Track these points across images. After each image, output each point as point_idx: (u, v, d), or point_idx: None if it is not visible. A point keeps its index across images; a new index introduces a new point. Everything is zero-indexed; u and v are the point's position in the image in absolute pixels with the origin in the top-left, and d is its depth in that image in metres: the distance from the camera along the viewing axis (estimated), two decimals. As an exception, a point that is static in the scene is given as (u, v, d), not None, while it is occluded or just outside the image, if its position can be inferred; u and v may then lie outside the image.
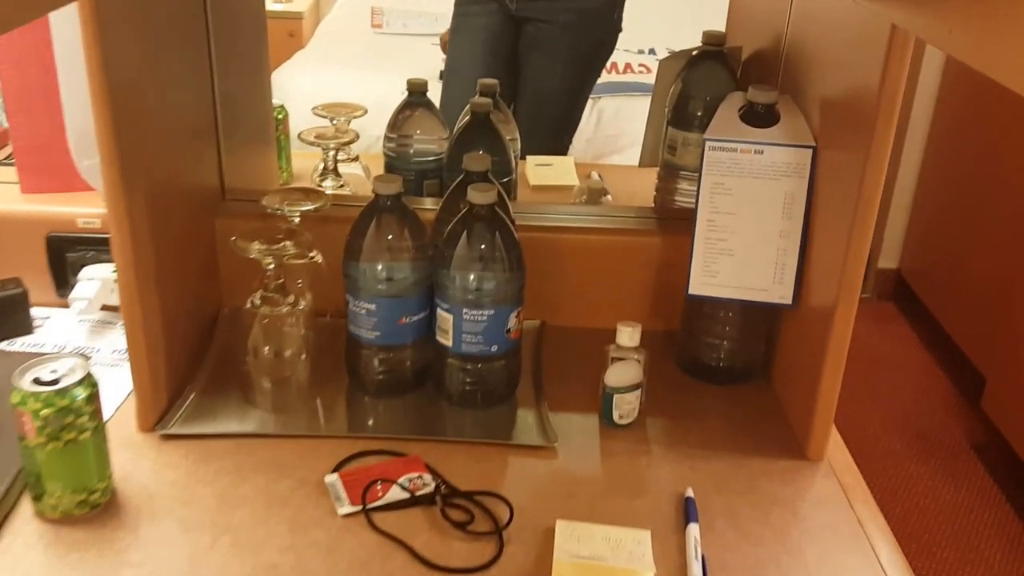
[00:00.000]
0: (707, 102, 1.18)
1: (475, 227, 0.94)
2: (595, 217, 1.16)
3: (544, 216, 1.15)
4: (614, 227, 1.14)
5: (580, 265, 1.12)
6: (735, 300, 1.00)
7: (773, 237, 0.97)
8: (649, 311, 1.14)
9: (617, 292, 1.13)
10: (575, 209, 1.24)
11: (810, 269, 0.96)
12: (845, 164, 0.88)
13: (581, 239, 1.12)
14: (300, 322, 0.97)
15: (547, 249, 1.10)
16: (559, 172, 1.53)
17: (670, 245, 1.11)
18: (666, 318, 1.14)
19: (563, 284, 1.13)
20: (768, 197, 0.96)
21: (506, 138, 1.17)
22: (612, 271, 1.13)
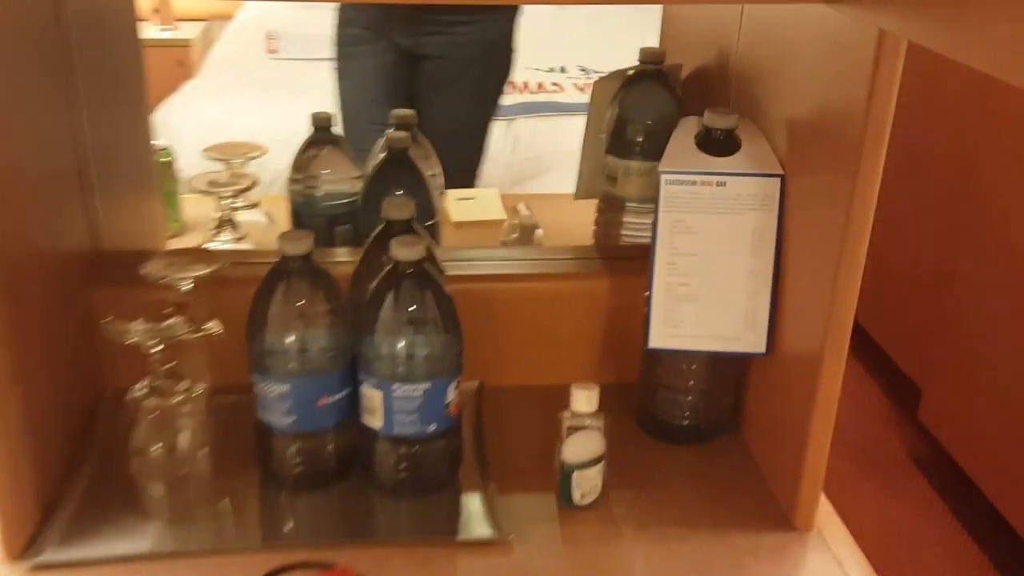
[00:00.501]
0: (648, 127, 1.07)
1: (402, 286, 0.80)
2: (532, 261, 1.03)
3: (475, 263, 1.01)
4: (555, 271, 1.01)
5: (520, 317, 0.99)
6: (702, 352, 0.88)
7: (741, 278, 0.85)
8: (599, 363, 1.02)
9: (563, 344, 1.01)
10: (509, 252, 1.11)
11: (784, 312, 0.85)
12: (824, 191, 0.77)
13: (519, 288, 0.99)
14: (198, 409, 0.81)
15: (481, 301, 0.96)
16: (483, 206, 1.40)
17: (619, 288, 0.99)
18: (619, 369, 1.01)
19: (502, 339, 0.99)
20: (734, 233, 0.85)
21: (427, 175, 1.04)
22: (556, 321, 1.00)
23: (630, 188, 1.08)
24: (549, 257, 1.04)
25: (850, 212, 0.72)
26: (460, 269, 0.99)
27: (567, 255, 1.04)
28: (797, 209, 0.82)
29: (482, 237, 1.30)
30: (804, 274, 0.81)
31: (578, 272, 1.01)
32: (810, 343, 0.80)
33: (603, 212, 1.13)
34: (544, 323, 0.99)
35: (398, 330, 0.80)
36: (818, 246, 0.78)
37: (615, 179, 1.08)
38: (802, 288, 0.81)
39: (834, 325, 0.76)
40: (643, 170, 1.07)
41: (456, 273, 0.95)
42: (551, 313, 0.99)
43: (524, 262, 1.03)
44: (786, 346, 0.85)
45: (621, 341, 1.00)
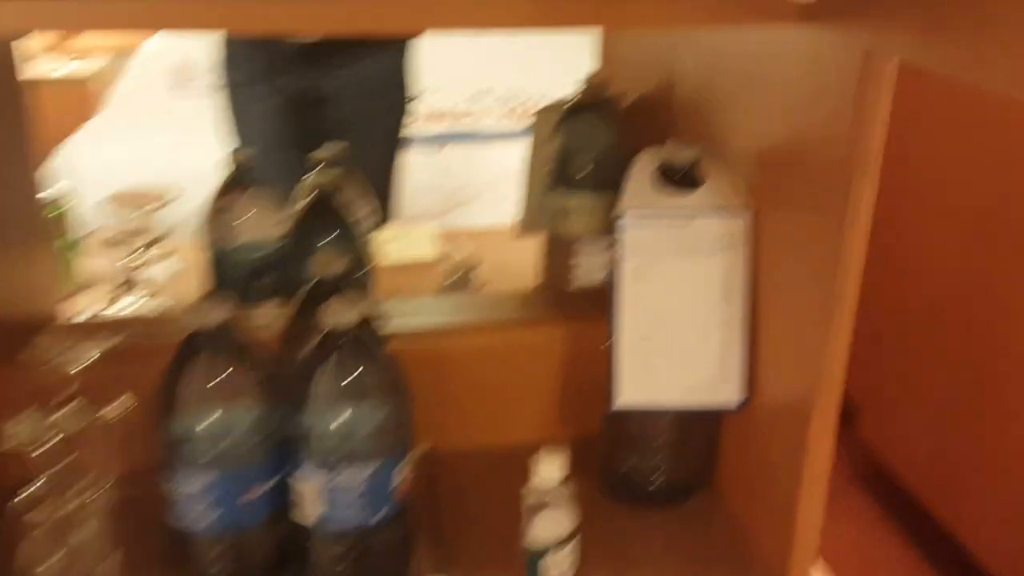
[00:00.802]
0: (593, 159, 0.99)
1: (338, 355, 0.69)
2: (478, 310, 0.94)
3: (416, 316, 0.91)
4: (505, 319, 0.92)
5: (471, 372, 0.89)
6: (675, 406, 0.79)
7: (713, 326, 0.77)
8: (559, 416, 0.93)
9: (518, 399, 0.91)
10: (453, 301, 1.01)
11: (761, 360, 0.77)
12: (803, 228, 0.69)
13: (468, 341, 0.89)
14: (101, 510, 0.69)
15: (427, 359, 0.87)
16: (416, 243, 1.30)
17: (575, 334, 0.90)
18: (579, 423, 0.92)
19: (452, 398, 0.90)
20: (702, 277, 0.76)
21: (360, 216, 0.93)
22: (510, 374, 0.90)
23: (579, 224, 1.00)
24: (495, 304, 0.95)
25: (840, 251, 0.64)
26: (401, 323, 0.89)
27: (516, 300, 0.95)
28: (771, 248, 0.74)
29: (417, 280, 1.20)
30: (782, 319, 0.73)
31: (530, 319, 0.92)
32: (794, 394, 0.72)
33: (551, 250, 1.04)
34: (497, 377, 0.90)
35: (336, 406, 0.69)
36: (798, 288, 0.70)
37: (563, 216, 1.00)
38: (781, 334, 0.74)
39: (824, 375, 0.68)
40: (592, 205, 0.99)
41: (397, 329, 0.85)
42: (504, 366, 0.90)
43: (469, 311, 0.93)
44: (765, 397, 0.77)
45: (580, 392, 0.92)
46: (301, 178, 0.94)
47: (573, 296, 0.96)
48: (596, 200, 0.98)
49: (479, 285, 1.10)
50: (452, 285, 1.09)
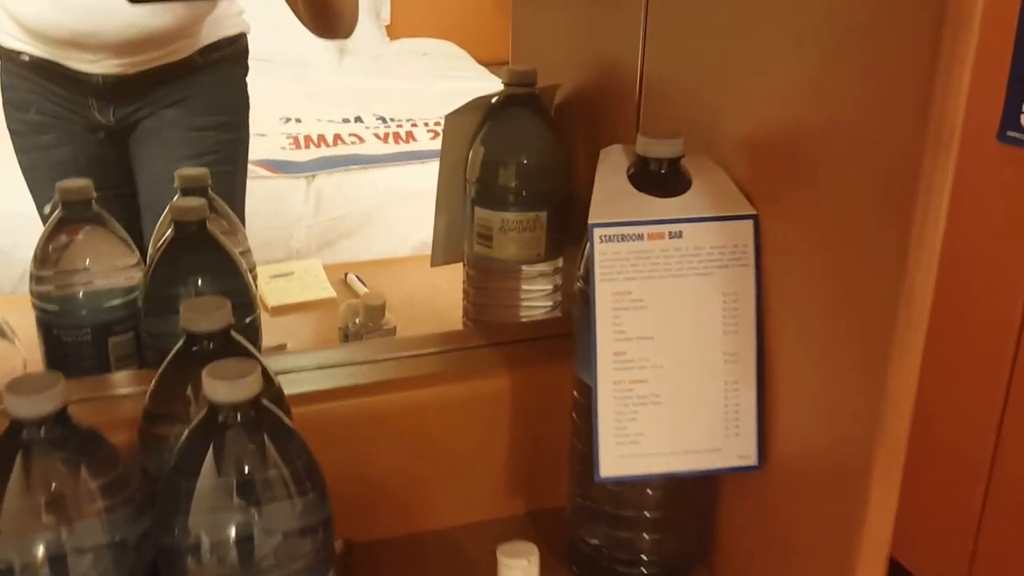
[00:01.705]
0: (526, 167, 0.82)
1: (226, 439, 0.50)
2: (399, 359, 0.75)
3: (319, 373, 0.71)
4: (434, 370, 0.73)
5: (396, 439, 0.70)
6: (675, 474, 0.62)
7: (717, 365, 0.60)
8: (509, 487, 0.74)
9: (459, 469, 0.72)
10: (360, 350, 0.81)
11: (779, 406, 0.60)
12: (835, 236, 0.54)
13: (390, 401, 0.70)
14: None
15: (339, 427, 0.67)
16: (305, 283, 1.10)
17: (524, 382, 0.72)
18: (535, 493, 0.75)
19: (374, 475, 0.70)
20: (699, 303, 0.60)
21: (236, 254, 0.73)
22: (446, 438, 0.71)
23: (510, 247, 0.82)
24: (415, 352, 0.76)
25: (906, 261, 0.49)
26: (300, 384, 0.69)
27: (444, 345, 0.76)
28: (783, 261, 0.59)
29: (312, 325, 1.00)
30: (809, 353, 0.57)
31: (466, 369, 0.73)
32: (832, 452, 0.56)
33: (475, 281, 0.86)
34: (430, 443, 0.71)
35: (226, 509, 0.50)
36: (833, 312, 0.54)
37: (489, 237, 0.82)
38: (808, 372, 0.58)
39: (886, 427, 0.52)
40: (525, 223, 0.82)
41: (297, 391, 0.65)
42: (439, 428, 0.71)
43: (388, 362, 0.74)
44: (785, 455, 0.60)
45: (535, 454, 0.74)
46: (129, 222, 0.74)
47: (516, 334, 0.78)
48: (530, 216, 0.81)
49: (389, 328, 0.91)
50: (359, 329, 0.90)
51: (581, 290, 0.62)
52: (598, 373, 0.59)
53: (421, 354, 0.75)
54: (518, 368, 0.73)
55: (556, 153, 0.82)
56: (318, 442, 0.53)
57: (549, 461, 0.73)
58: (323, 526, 0.54)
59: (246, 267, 0.74)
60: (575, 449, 0.67)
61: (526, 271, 0.83)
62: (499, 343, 0.76)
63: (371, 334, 0.90)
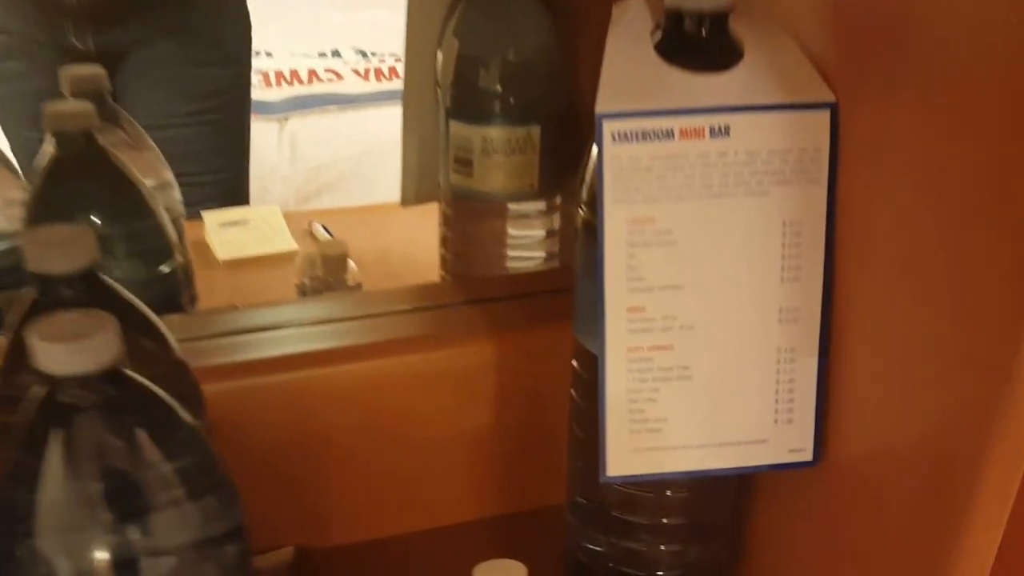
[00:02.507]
0: (514, 65, 0.66)
1: (75, 429, 0.35)
2: (359, 320, 0.59)
3: (265, 336, 0.56)
4: (402, 335, 0.57)
5: (353, 419, 0.55)
6: (706, 472, 0.46)
7: (769, 326, 0.45)
8: (493, 482, 0.59)
9: (431, 460, 0.57)
10: (318, 309, 0.65)
11: (849, 384, 0.45)
12: (961, 138, 0.38)
13: (346, 372, 0.54)
14: None
15: (286, 404, 0.52)
16: (262, 233, 0.94)
17: (513, 349, 0.57)
18: (527, 488, 0.59)
19: (327, 467, 0.55)
20: (749, 237, 0.44)
21: (141, 182, 0.57)
22: (415, 420, 0.56)
23: (495, 175, 0.67)
24: (387, 310, 0.60)
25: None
26: (239, 351, 0.53)
27: (414, 302, 0.61)
28: (872, 178, 0.43)
29: (268, 282, 0.84)
30: (898, 311, 0.42)
31: (440, 333, 0.58)
32: (926, 450, 0.40)
33: (454, 223, 0.71)
34: (396, 427, 0.56)
35: (81, 529, 0.35)
36: (932, 252, 0.39)
37: (468, 162, 0.66)
38: (894, 339, 0.42)
39: (1006, 424, 0.36)
40: (514, 142, 0.66)
41: (232, 359, 0.50)
42: (407, 407, 0.55)
43: (347, 323, 0.58)
44: (851, 449, 0.45)
45: (528, 440, 0.58)
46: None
47: (503, 290, 0.62)
48: (522, 131, 0.65)
49: (355, 283, 0.75)
50: (317, 284, 0.74)
51: (585, 221, 0.47)
52: (606, 337, 0.43)
53: (384, 314, 0.59)
54: (506, 332, 0.58)
55: (552, 47, 0.66)
56: (254, 425, 0.38)
57: (545, 449, 0.58)
58: (232, 537, 0.39)
59: (161, 204, 0.59)
60: (575, 437, 0.51)
61: (516, 209, 0.67)
62: (481, 300, 0.61)
63: (332, 290, 0.74)
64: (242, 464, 0.46)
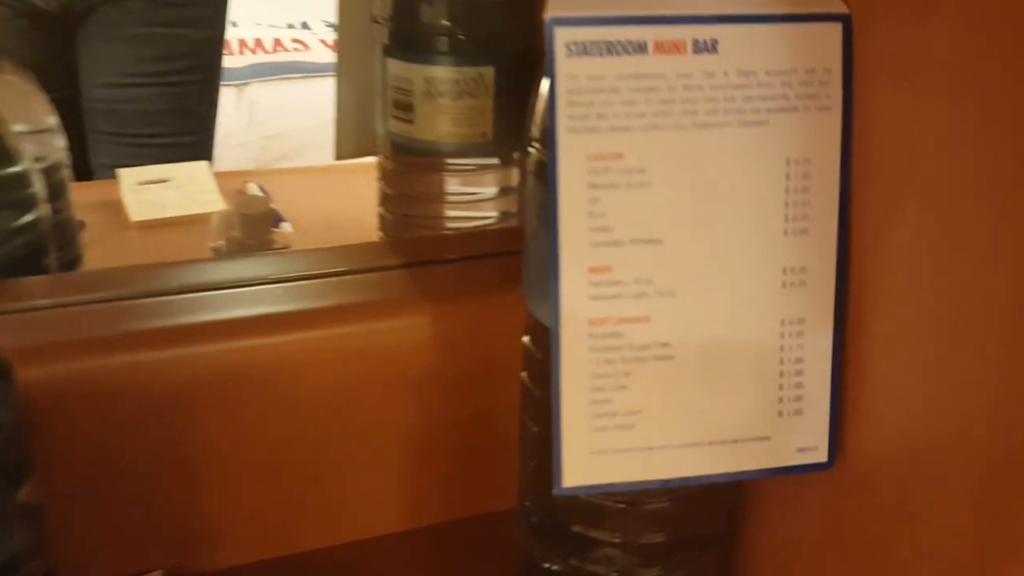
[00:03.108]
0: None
1: None
2: (273, 285, 0.48)
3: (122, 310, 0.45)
4: (323, 304, 0.47)
5: (241, 415, 0.44)
6: (692, 480, 0.36)
7: (770, 291, 0.35)
8: (433, 484, 0.49)
9: (356, 459, 0.47)
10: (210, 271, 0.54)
11: (873, 365, 0.35)
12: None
13: (242, 352, 0.44)
14: None
15: (152, 396, 0.41)
16: (186, 192, 0.83)
17: (457, 322, 0.47)
18: (474, 491, 0.49)
19: (209, 475, 0.44)
20: (744, 178, 0.34)
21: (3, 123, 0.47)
22: (332, 411, 0.46)
23: (440, 123, 0.56)
24: (299, 273, 0.49)
25: None
26: (92, 322, 0.43)
27: (337, 266, 0.50)
28: (899, 106, 0.33)
29: (184, 245, 0.73)
30: (936, 272, 0.32)
31: (364, 302, 0.47)
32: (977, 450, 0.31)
33: (393, 178, 0.60)
34: (311, 417, 0.45)
35: None
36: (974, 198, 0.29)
37: (408, 107, 0.56)
38: (931, 309, 0.32)
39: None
40: (463, 84, 0.56)
41: (78, 336, 0.40)
42: (325, 393, 0.45)
43: (247, 289, 0.48)
44: (878, 448, 0.35)
45: (475, 431, 0.48)
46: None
47: (439, 251, 0.52)
48: (472, 72, 0.55)
49: (281, 247, 0.65)
50: (233, 246, 0.64)
51: (537, 162, 0.36)
52: (561, 305, 0.33)
53: (294, 278, 0.48)
54: (447, 300, 0.47)
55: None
56: (103, 418, 0.28)
57: (495, 442, 0.48)
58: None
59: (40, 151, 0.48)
60: (526, 431, 0.41)
61: (464, 163, 0.57)
62: (419, 263, 0.50)
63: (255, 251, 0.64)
64: (88, 468, 0.36)
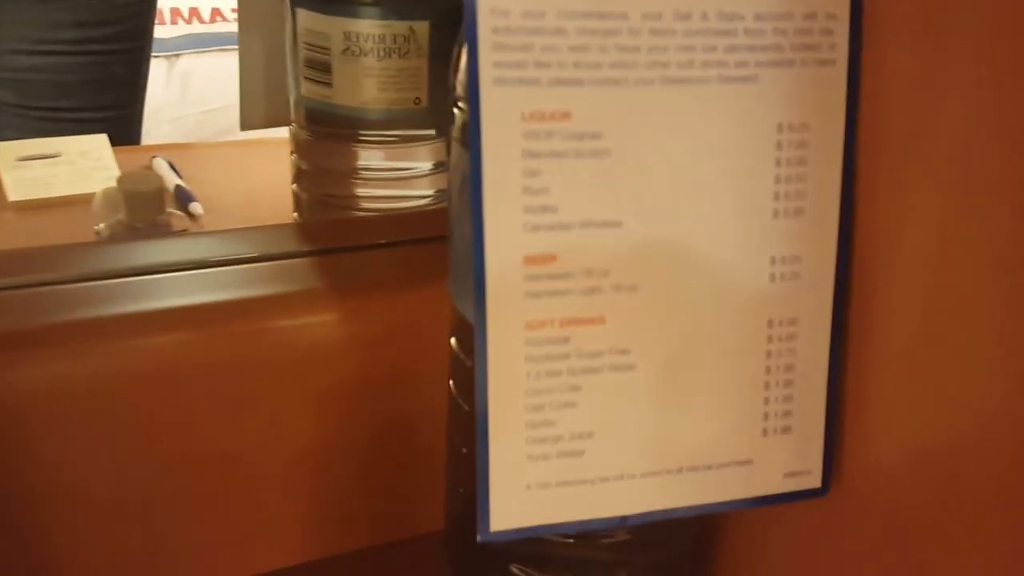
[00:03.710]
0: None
1: None
2: (150, 279, 0.40)
3: None
4: (202, 301, 0.39)
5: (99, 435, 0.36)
6: (657, 515, 0.29)
7: (755, 285, 0.28)
8: (340, 512, 0.42)
9: (244, 489, 0.39)
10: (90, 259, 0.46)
11: (878, 372, 0.28)
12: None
13: (82, 357, 0.36)
14: None
15: None
16: (78, 169, 0.74)
17: (374, 319, 0.39)
18: (392, 518, 0.42)
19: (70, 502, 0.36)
20: (726, 144, 0.27)
21: None
22: (214, 428, 0.38)
23: (365, 86, 0.49)
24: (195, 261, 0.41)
25: None
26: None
27: (241, 250, 0.42)
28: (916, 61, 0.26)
29: (68, 229, 0.65)
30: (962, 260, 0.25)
31: (262, 296, 0.40)
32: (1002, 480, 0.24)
33: (307, 151, 0.53)
34: (182, 431, 0.38)
35: None
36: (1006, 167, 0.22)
37: (325, 67, 0.48)
38: (956, 301, 0.25)
39: None
40: (390, 40, 0.48)
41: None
42: (205, 405, 0.38)
43: (130, 281, 0.40)
44: (886, 472, 0.29)
45: (391, 451, 0.41)
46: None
47: (358, 236, 0.45)
48: (402, 25, 0.48)
49: (179, 228, 0.57)
50: (117, 231, 0.55)
51: (461, 126, 0.29)
52: (488, 303, 0.26)
53: (187, 267, 0.41)
54: (365, 293, 0.40)
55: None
56: None
57: (418, 459, 0.40)
58: None
59: None
60: (454, 451, 0.34)
61: (393, 134, 0.50)
62: (333, 250, 0.43)
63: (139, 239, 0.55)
64: None
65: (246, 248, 0.42)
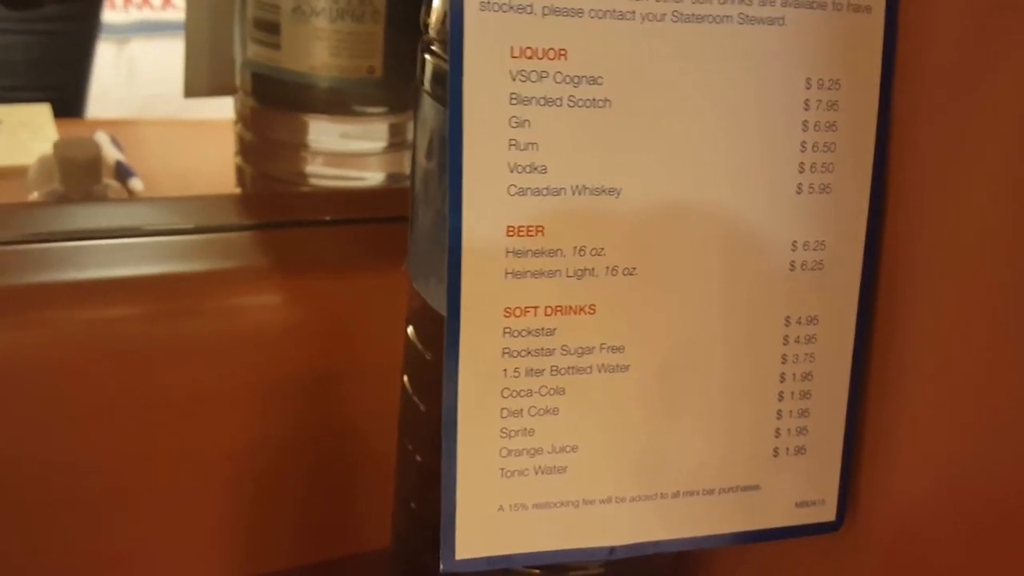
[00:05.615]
0: None
1: None
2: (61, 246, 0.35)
3: None
4: (127, 274, 0.34)
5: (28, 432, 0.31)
6: (644, 546, 0.25)
7: (773, 273, 0.24)
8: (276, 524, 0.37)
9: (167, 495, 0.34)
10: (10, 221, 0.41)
11: (922, 387, 0.24)
12: None
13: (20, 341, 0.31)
14: None
15: None
16: (18, 140, 0.68)
17: (319, 304, 0.35)
18: (336, 531, 0.37)
19: None
20: (746, 98, 0.23)
21: None
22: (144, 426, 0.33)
23: (316, 50, 0.44)
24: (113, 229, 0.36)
25: None
26: None
27: (176, 221, 0.37)
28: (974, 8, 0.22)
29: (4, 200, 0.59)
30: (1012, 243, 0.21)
31: (193, 273, 0.35)
32: None
33: (253, 119, 0.48)
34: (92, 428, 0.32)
35: None
36: None
37: (274, 27, 0.44)
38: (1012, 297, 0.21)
39: None
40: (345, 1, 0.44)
41: None
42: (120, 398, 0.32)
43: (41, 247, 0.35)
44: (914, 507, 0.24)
45: (334, 458, 0.36)
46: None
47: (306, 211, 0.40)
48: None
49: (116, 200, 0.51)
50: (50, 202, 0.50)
51: (433, 74, 0.24)
52: (463, 284, 0.21)
53: (105, 234, 0.35)
54: (307, 274, 0.35)
55: None
56: None
57: (365, 465, 0.36)
58: None
59: None
60: (406, 458, 0.29)
61: (344, 108, 0.45)
62: (277, 224, 0.38)
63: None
64: None
65: (184, 219, 0.37)
